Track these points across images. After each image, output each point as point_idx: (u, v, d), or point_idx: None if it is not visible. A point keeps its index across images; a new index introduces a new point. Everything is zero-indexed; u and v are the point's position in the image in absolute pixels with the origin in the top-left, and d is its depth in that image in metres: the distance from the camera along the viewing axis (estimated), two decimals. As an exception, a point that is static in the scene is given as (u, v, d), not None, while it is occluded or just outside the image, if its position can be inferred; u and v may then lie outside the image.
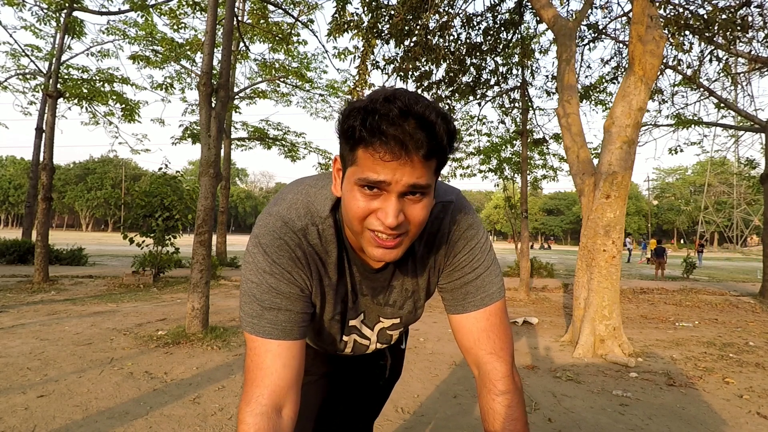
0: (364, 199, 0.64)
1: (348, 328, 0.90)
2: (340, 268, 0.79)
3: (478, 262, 0.81)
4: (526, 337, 4.69)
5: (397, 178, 0.60)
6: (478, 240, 0.81)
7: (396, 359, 1.20)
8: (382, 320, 0.91)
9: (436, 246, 0.81)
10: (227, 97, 4.67)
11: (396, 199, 0.62)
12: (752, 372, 3.57)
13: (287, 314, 0.73)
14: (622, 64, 8.26)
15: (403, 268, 0.83)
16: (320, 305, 0.81)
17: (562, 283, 9.32)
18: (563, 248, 50.66)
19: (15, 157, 68.11)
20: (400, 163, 0.59)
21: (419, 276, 0.85)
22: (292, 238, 0.74)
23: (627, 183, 4.13)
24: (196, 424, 2.34)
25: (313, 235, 0.75)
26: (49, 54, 11.59)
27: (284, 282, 0.73)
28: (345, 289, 0.82)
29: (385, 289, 0.85)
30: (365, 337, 0.93)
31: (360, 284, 0.84)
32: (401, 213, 0.63)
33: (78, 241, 17.56)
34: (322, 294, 0.80)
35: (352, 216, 0.66)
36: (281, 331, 0.72)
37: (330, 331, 0.89)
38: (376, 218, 0.64)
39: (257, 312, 0.73)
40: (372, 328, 0.92)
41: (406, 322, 0.93)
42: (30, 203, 12.73)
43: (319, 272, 0.78)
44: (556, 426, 2.44)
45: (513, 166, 10.80)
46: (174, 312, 5.46)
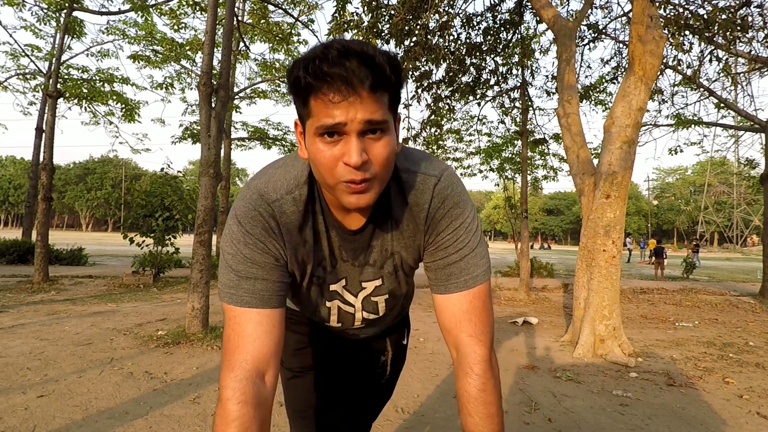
0: (327, 147, 0.64)
1: (329, 293, 0.89)
2: (317, 232, 0.81)
3: (463, 242, 0.80)
4: (526, 337, 4.69)
5: (351, 117, 0.61)
6: (463, 219, 0.80)
7: (397, 354, 1.19)
8: (365, 285, 0.90)
9: (416, 217, 0.80)
10: (227, 97, 4.67)
11: (356, 139, 0.63)
12: (752, 372, 3.57)
13: (264, 283, 0.74)
14: (622, 64, 8.26)
15: (383, 228, 0.82)
16: (299, 272, 0.83)
17: (562, 283, 9.33)
18: (563, 248, 50.67)
19: (15, 157, 68.12)
20: (350, 101, 0.61)
21: (399, 240, 0.84)
22: (266, 209, 0.75)
23: (627, 183, 4.13)
24: (196, 424, 2.34)
25: (289, 204, 0.76)
26: (49, 54, 11.59)
27: (258, 252, 0.74)
28: (322, 254, 0.83)
29: (364, 250, 0.84)
30: (349, 303, 0.92)
31: (340, 249, 0.83)
32: (364, 152, 0.64)
33: (78, 241, 17.55)
34: (299, 261, 0.81)
35: (322, 170, 0.66)
36: (259, 299, 0.74)
37: (311, 297, 0.90)
38: (343, 166, 0.64)
39: (234, 282, 0.74)
40: (356, 295, 0.91)
41: (390, 289, 0.91)
42: (30, 203, 12.73)
43: (295, 241, 0.78)
44: (556, 426, 2.44)
45: (513, 166, 10.80)
46: (174, 312, 5.46)
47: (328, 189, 0.70)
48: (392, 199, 0.79)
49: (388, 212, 0.80)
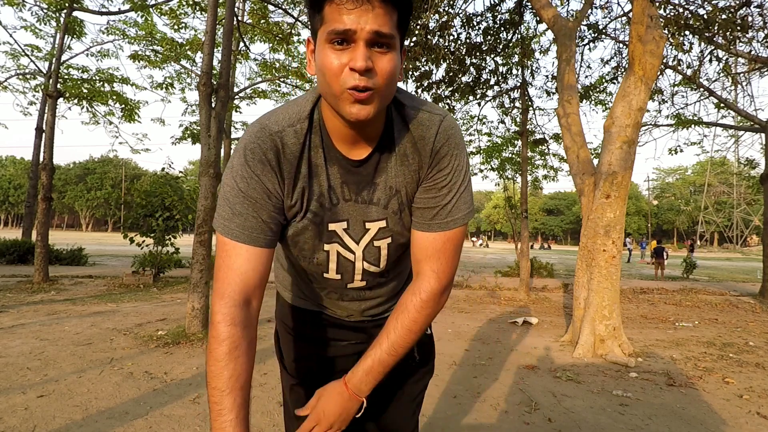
0: (335, 54, 0.67)
1: (328, 233, 0.86)
2: (316, 166, 0.81)
3: (455, 185, 0.83)
4: (526, 337, 4.69)
5: (362, 25, 0.65)
6: (461, 161, 0.83)
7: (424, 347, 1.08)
8: (368, 226, 0.87)
9: (421, 150, 0.82)
10: (227, 97, 4.67)
11: (364, 46, 0.66)
12: (752, 372, 3.57)
13: (255, 221, 0.77)
14: (622, 64, 8.27)
15: (387, 162, 0.83)
16: (297, 207, 0.82)
17: (562, 283, 9.32)
18: (563, 248, 50.66)
19: (15, 157, 68.13)
20: (362, 9, 0.64)
21: (403, 174, 0.84)
22: (265, 142, 0.77)
23: (627, 183, 4.13)
24: (196, 424, 2.34)
25: (290, 136, 0.78)
26: (49, 54, 11.59)
27: (252, 187, 0.77)
28: (320, 189, 0.82)
29: (368, 185, 0.84)
30: (349, 249, 0.88)
31: (342, 186, 0.83)
32: (369, 60, 0.66)
33: (78, 241, 17.55)
34: (298, 194, 0.81)
35: (328, 76, 0.68)
36: (248, 237, 0.77)
37: (309, 238, 0.86)
38: (349, 73, 0.67)
39: (228, 215, 0.77)
40: (357, 241, 0.88)
41: (393, 232, 0.88)
42: (30, 203, 12.73)
43: (294, 174, 0.80)
44: (556, 426, 2.44)
45: (514, 166, 10.81)
46: (174, 312, 5.46)
47: (333, 101, 0.72)
48: (397, 130, 0.81)
49: (393, 143, 0.82)
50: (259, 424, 2.35)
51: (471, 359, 3.77)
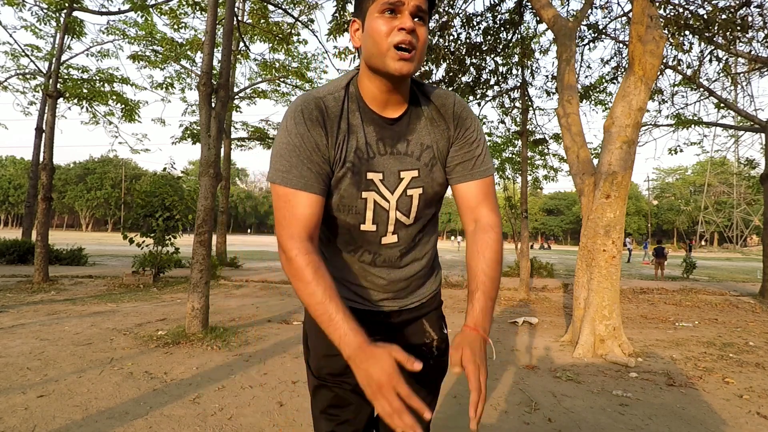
0: (386, 22, 0.86)
1: (366, 182, 0.96)
2: (353, 126, 0.96)
3: (481, 141, 1.02)
4: (526, 337, 4.69)
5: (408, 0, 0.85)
6: (478, 122, 1.03)
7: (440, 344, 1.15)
8: (402, 175, 0.98)
9: (444, 115, 1.01)
10: (227, 97, 4.67)
11: (409, 15, 0.86)
12: (752, 372, 3.57)
13: (309, 171, 0.90)
14: (622, 64, 8.26)
15: (417, 123, 0.99)
16: (339, 159, 0.94)
17: (562, 283, 9.32)
18: (563, 248, 50.64)
19: (15, 157, 68.11)
20: None
21: (433, 132, 1.00)
22: (311, 104, 0.92)
23: (627, 183, 4.13)
24: (196, 424, 2.34)
25: (330, 100, 0.94)
26: (49, 54, 11.59)
27: (305, 141, 0.90)
28: (358, 144, 0.95)
29: (402, 140, 0.98)
30: (384, 198, 0.98)
31: (378, 142, 0.97)
32: (413, 25, 0.85)
33: (78, 241, 17.54)
34: (339, 147, 0.94)
35: (378, 38, 0.86)
36: (305, 184, 0.90)
37: (349, 185, 0.96)
38: (397, 32, 0.85)
39: (286, 167, 0.90)
40: (392, 191, 0.99)
41: (424, 181, 1.00)
42: (30, 203, 12.73)
43: (336, 130, 0.94)
44: (556, 426, 2.44)
45: (514, 166, 10.80)
46: (174, 312, 5.46)
47: (379, 60, 0.88)
48: (421, 99, 1.00)
49: (420, 107, 1.00)
50: (259, 423, 2.35)
51: (471, 359, 3.77)
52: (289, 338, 4.33)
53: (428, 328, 1.15)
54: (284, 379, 3.08)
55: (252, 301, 6.60)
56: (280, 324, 4.97)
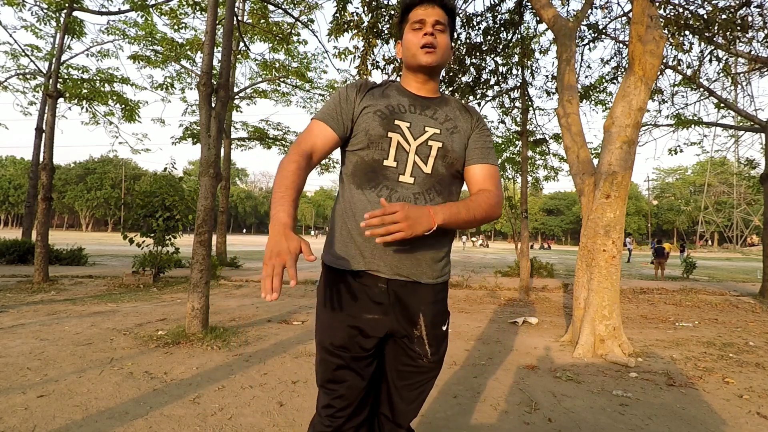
0: (414, 34, 1.25)
1: (393, 125, 1.22)
2: (391, 96, 1.29)
3: (491, 140, 1.37)
4: (526, 337, 4.69)
5: (429, 14, 1.23)
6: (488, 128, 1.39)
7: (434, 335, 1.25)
8: (427, 129, 1.24)
9: (465, 112, 1.34)
10: (227, 97, 4.67)
11: (430, 26, 1.23)
12: (752, 372, 3.57)
13: (335, 115, 1.25)
14: (622, 64, 8.26)
15: (446, 106, 1.32)
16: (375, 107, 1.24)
17: (562, 283, 9.32)
18: (563, 248, 50.64)
19: (15, 157, 68.11)
20: (427, 11, 1.23)
21: (459, 118, 1.31)
22: (357, 80, 1.34)
23: (627, 183, 4.13)
24: (196, 424, 2.34)
25: (373, 83, 1.33)
26: (49, 54, 11.59)
27: (340, 96, 1.27)
28: (390, 102, 1.26)
29: (431, 109, 1.28)
30: (407, 141, 1.21)
31: (411, 106, 1.27)
32: (433, 31, 1.23)
33: (78, 241, 17.54)
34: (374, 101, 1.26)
35: (410, 44, 1.25)
36: (328, 118, 1.25)
37: (377, 125, 1.22)
38: (422, 37, 1.23)
39: (323, 111, 1.27)
40: (416, 137, 1.22)
41: (444, 141, 1.23)
42: (30, 203, 12.73)
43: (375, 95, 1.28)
44: (556, 426, 2.43)
45: (514, 166, 10.80)
46: (174, 312, 5.46)
47: (412, 58, 1.26)
48: (449, 98, 1.37)
49: (448, 101, 1.35)
50: (259, 423, 2.35)
51: (471, 359, 3.77)
52: (289, 338, 4.33)
53: (421, 320, 1.22)
54: (284, 379, 3.08)
55: (252, 301, 6.60)
56: (280, 324, 4.97)
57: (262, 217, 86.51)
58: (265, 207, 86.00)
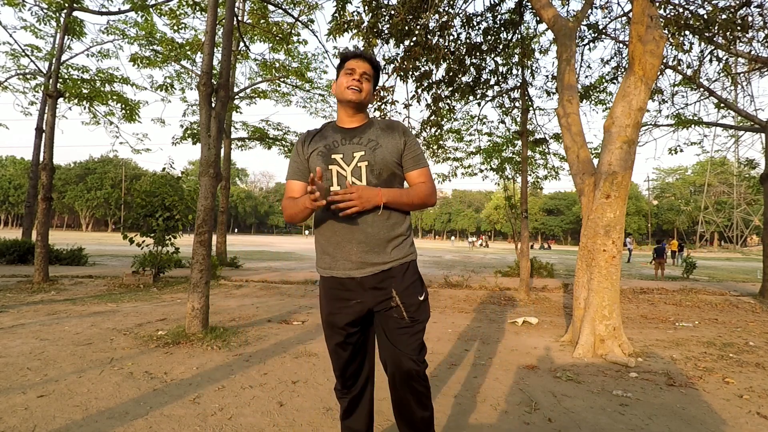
0: (346, 78, 1.64)
1: (331, 159, 1.61)
2: (327, 135, 1.69)
3: (418, 147, 1.71)
4: (526, 337, 4.68)
5: (359, 66, 1.64)
6: (414, 137, 1.72)
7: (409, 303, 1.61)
8: (355, 155, 1.59)
9: (390, 131, 1.67)
10: (227, 97, 4.67)
11: (359, 74, 1.64)
12: (752, 372, 3.57)
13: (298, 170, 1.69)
14: (622, 64, 8.26)
15: (368, 130, 1.67)
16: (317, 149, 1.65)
17: (562, 283, 9.32)
18: (563, 248, 50.63)
19: (15, 157, 68.11)
20: (361, 61, 1.65)
21: (383, 137, 1.64)
22: (302, 134, 1.77)
23: (627, 183, 4.13)
24: (196, 424, 2.34)
25: (313, 131, 1.76)
26: (49, 54, 11.59)
27: (297, 152, 1.71)
28: (327, 141, 1.66)
29: (356, 137, 1.64)
30: (343, 168, 1.60)
31: (342, 140, 1.64)
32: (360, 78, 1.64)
33: (78, 241, 17.54)
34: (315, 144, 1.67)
35: (342, 83, 1.65)
36: (294, 175, 1.70)
37: (321, 162, 1.61)
38: (350, 80, 1.63)
39: (291, 170, 1.71)
40: (348, 164, 1.59)
41: (368, 158, 1.59)
42: (30, 203, 12.72)
43: (316, 140, 1.69)
44: (556, 426, 2.43)
45: (514, 166, 10.80)
46: (174, 312, 5.46)
47: (342, 94, 1.65)
48: (374, 122, 1.72)
49: (372, 124, 1.70)
50: (259, 423, 2.35)
51: (471, 359, 3.77)
52: (289, 338, 4.33)
53: (395, 297, 1.59)
54: (284, 379, 3.08)
55: (252, 301, 6.60)
56: (280, 324, 4.97)
57: (262, 217, 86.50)
58: (265, 207, 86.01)
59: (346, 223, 1.55)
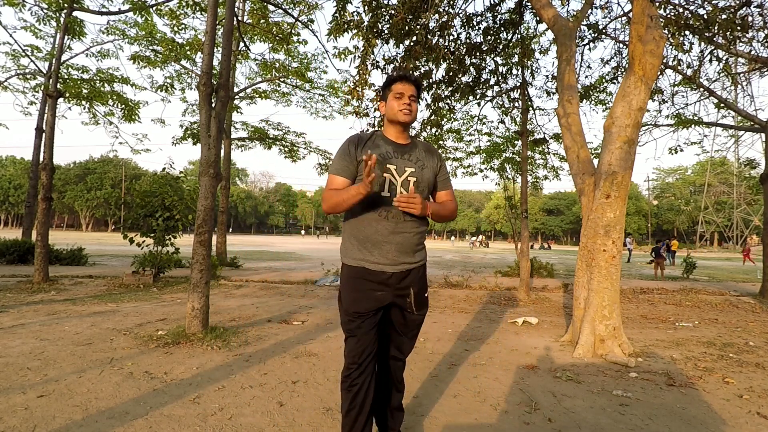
0: (397, 101, 1.86)
1: (385, 167, 1.82)
2: (378, 145, 1.88)
3: (447, 169, 2.03)
4: (526, 337, 4.68)
5: (407, 89, 1.87)
6: (444, 160, 2.05)
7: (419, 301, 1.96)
8: (406, 169, 1.85)
9: (430, 154, 1.97)
10: (227, 97, 4.67)
11: (407, 97, 1.86)
12: (752, 372, 3.57)
13: (346, 167, 1.84)
14: (622, 64, 8.26)
15: (415, 149, 1.93)
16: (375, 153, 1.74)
17: (562, 283, 9.32)
18: (563, 248, 50.62)
19: (15, 157, 68.10)
20: (408, 84, 1.88)
21: (426, 159, 1.93)
22: (354, 136, 1.90)
23: (627, 183, 4.13)
24: (196, 424, 2.34)
25: (365, 135, 1.92)
26: (49, 54, 11.59)
27: (346, 153, 1.85)
28: (384, 150, 1.86)
29: (407, 154, 1.89)
30: (395, 177, 1.84)
31: (394, 152, 1.87)
32: (411, 101, 1.87)
33: (78, 241, 17.54)
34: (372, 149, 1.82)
35: (394, 106, 1.86)
36: (340, 171, 1.84)
37: (378, 166, 1.78)
38: (402, 103, 1.85)
39: (336, 165, 1.85)
40: (400, 175, 1.85)
41: (417, 175, 1.87)
42: (30, 203, 12.72)
43: (368, 147, 1.86)
44: (556, 426, 2.43)
45: (514, 166, 10.80)
46: (174, 312, 5.46)
47: (393, 116, 1.87)
48: (418, 143, 1.99)
49: (417, 145, 1.96)
50: (259, 423, 2.35)
51: (471, 359, 3.77)
52: (289, 338, 4.33)
53: (411, 293, 1.91)
54: (284, 379, 3.08)
55: (252, 301, 6.60)
56: (280, 324, 4.97)
57: (262, 217, 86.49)
58: (265, 207, 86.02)
59: (389, 227, 1.82)
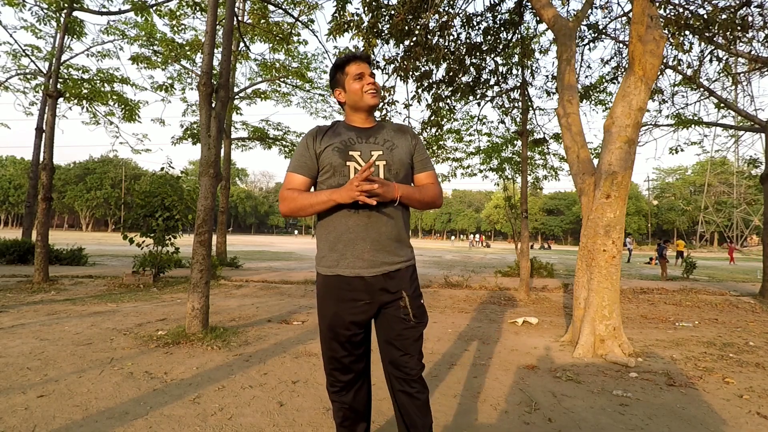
0: (358, 81, 1.64)
1: (348, 155, 1.59)
2: (339, 132, 1.66)
3: (425, 149, 1.76)
4: (526, 337, 4.68)
5: (363, 68, 1.66)
6: (422, 141, 1.79)
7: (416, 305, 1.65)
8: (373, 153, 1.60)
9: (401, 133, 1.72)
10: (227, 97, 4.67)
11: (368, 75, 1.65)
12: (752, 372, 3.57)
13: (304, 164, 1.63)
14: (622, 64, 8.26)
15: (382, 130, 1.70)
16: (332, 144, 1.61)
17: (562, 283, 9.32)
18: (563, 248, 50.62)
19: (15, 157, 68.10)
20: (362, 63, 1.67)
21: (396, 138, 1.69)
22: (313, 129, 1.70)
23: (627, 183, 4.13)
24: (196, 424, 2.34)
25: (324, 127, 1.71)
26: (49, 54, 11.59)
27: (305, 147, 1.65)
28: (342, 138, 1.63)
29: (372, 137, 1.66)
30: (360, 165, 1.58)
31: (357, 138, 1.64)
32: (374, 80, 1.66)
33: (78, 241, 17.54)
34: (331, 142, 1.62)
35: (357, 91, 1.64)
36: (298, 168, 1.64)
37: (338, 157, 1.58)
38: (366, 84, 1.64)
39: (294, 162, 1.65)
40: (366, 161, 1.59)
41: (386, 158, 1.61)
42: (30, 203, 12.72)
43: (328, 136, 1.65)
44: (556, 426, 2.43)
45: (514, 166, 10.80)
46: (174, 312, 5.46)
47: (359, 99, 1.65)
48: (384, 123, 1.75)
49: (384, 126, 1.73)
50: (259, 423, 2.35)
51: (471, 359, 3.77)
52: (289, 338, 4.33)
53: (403, 293, 1.61)
54: (284, 379, 3.08)
55: (252, 301, 6.60)
56: (280, 324, 4.97)
57: (262, 217, 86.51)
58: (265, 207, 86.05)
59: (360, 221, 1.55)
